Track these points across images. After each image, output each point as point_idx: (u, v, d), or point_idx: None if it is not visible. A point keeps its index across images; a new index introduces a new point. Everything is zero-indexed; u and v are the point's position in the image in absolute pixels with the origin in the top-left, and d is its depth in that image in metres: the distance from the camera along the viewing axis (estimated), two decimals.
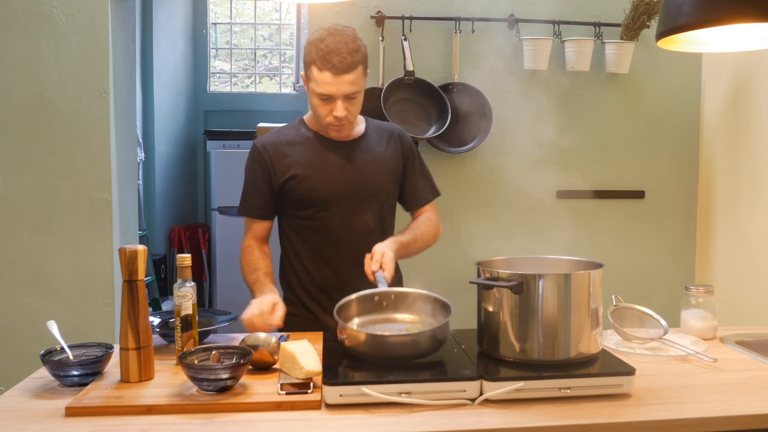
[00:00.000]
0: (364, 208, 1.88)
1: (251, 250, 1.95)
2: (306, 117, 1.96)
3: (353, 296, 1.60)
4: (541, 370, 1.37)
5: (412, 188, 2.00)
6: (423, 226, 1.97)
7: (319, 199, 1.86)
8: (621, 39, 2.99)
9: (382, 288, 1.64)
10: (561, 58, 3.02)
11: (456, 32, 2.95)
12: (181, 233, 5.25)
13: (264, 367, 1.50)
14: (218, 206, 4.76)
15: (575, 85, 3.09)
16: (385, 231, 1.94)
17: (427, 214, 2.02)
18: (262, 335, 1.54)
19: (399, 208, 2.07)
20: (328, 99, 1.76)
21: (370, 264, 1.73)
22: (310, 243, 1.92)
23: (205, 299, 5.16)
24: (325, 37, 1.74)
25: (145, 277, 1.46)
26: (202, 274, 5.23)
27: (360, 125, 1.95)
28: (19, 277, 2.82)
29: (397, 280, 1.93)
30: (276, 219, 2.00)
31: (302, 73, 1.84)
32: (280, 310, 1.72)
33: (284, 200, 1.91)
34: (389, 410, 1.28)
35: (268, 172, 1.89)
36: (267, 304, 1.71)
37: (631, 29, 2.94)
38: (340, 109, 1.76)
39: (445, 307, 1.52)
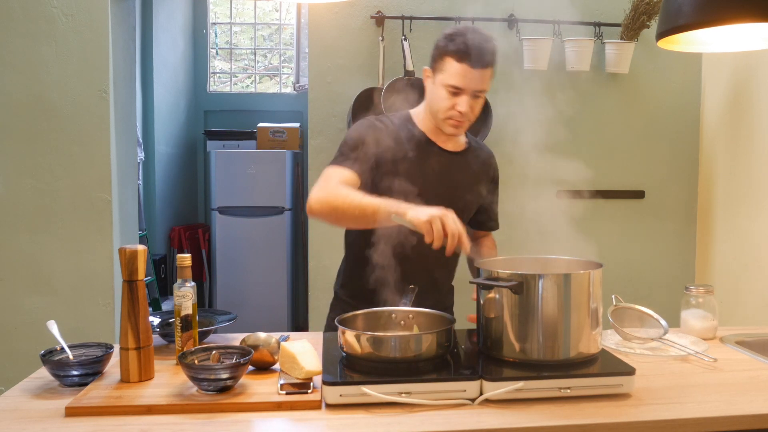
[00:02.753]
0: None
1: (342, 184, 1.68)
2: (414, 112, 1.89)
3: (361, 312, 1.58)
4: (541, 370, 1.37)
5: (488, 212, 2.01)
6: (494, 251, 2.02)
7: (410, 200, 1.71)
8: (621, 39, 2.99)
9: (403, 307, 1.63)
10: (561, 58, 3.01)
11: None
12: (181, 233, 5.25)
13: (264, 367, 1.50)
14: (218, 206, 4.76)
15: (575, 85, 3.09)
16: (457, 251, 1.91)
17: (492, 241, 2.06)
18: (262, 335, 1.54)
19: None
20: (457, 92, 1.73)
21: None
22: (384, 245, 1.76)
23: (205, 299, 5.16)
24: (464, 31, 1.73)
25: (145, 277, 1.46)
26: (202, 274, 5.23)
27: (463, 137, 1.94)
28: (19, 277, 2.82)
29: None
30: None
31: (425, 67, 1.80)
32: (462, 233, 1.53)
33: (375, 183, 1.77)
34: (389, 410, 1.28)
35: (378, 144, 1.76)
36: (449, 214, 1.51)
37: (631, 29, 2.94)
38: (464, 104, 1.73)
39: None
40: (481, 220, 2.01)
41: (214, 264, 4.80)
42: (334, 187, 1.66)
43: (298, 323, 4.85)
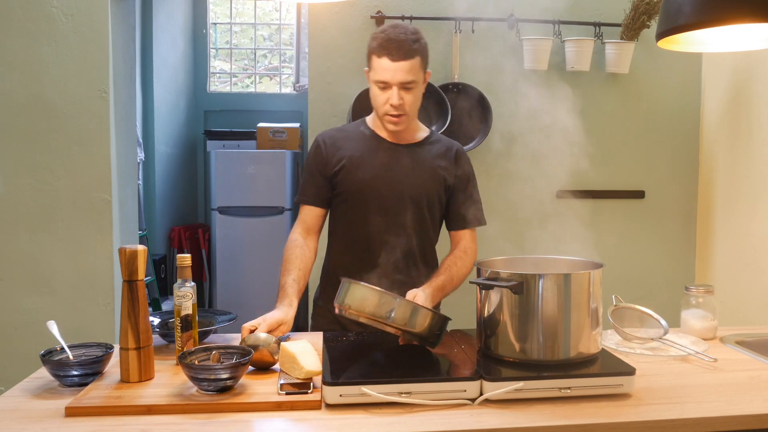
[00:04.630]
0: (404, 210, 1.89)
1: (293, 247, 1.91)
2: (368, 117, 2.00)
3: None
4: (541, 370, 1.37)
5: (457, 208, 1.98)
6: (459, 262, 1.92)
7: (362, 193, 1.89)
8: (621, 39, 2.99)
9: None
10: (561, 58, 3.02)
11: (456, 32, 2.95)
12: (181, 233, 5.25)
13: (264, 367, 1.50)
14: (218, 206, 4.76)
15: (575, 85, 3.09)
16: (422, 239, 1.93)
17: (464, 247, 1.97)
18: (262, 335, 1.54)
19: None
20: (385, 87, 1.80)
21: None
22: (350, 236, 1.94)
23: (205, 299, 5.16)
24: (386, 29, 1.82)
25: (145, 277, 1.46)
26: (202, 274, 5.22)
27: (421, 133, 1.98)
28: (19, 277, 2.82)
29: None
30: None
31: (366, 68, 1.88)
32: (280, 331, 1.68)
33: (335, 192, 1.94)
34: (389, 410, 1.28)
35: (324, 161, 1.93)
36: (270, 321, 1.67)
37: (631, 29, 2.94)
38: (395, 97, 1.79)
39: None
40: (452, 216, 2.00)
41: (214, 264, 4.80)
42: (285, 248, 1.92)
43: (298, 323, 4.84)
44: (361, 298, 1.45)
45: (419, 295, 1.69)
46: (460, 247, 1.97)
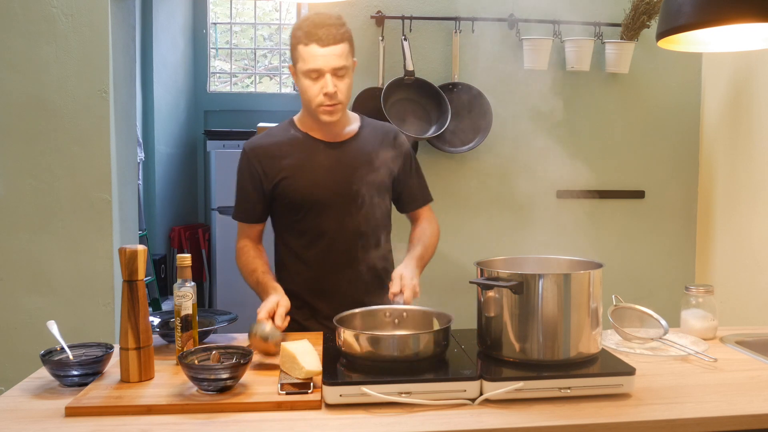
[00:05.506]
0: (356, 210, 1.86)
1: (246, 250, 1.94)
2: (296, 117, 1.95)
3: (359, 310, 1.61)
4: (541, 370, 1.37)
5: (408, 190, 1.98)
6: (428, 232, 1.96)
7: (309, 202, 1.85)
8: (621, 39, 2.98)
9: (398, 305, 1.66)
10: (561, 58, 3.01)
11: (456, 32, 2.95)
12: (181, 233, 5.25)
13: (269, 353, 1.53)
14: (218, 206, 4.76)
15: (575, 85, 3.08)
16: (378, 233, 1.92)
17: (427, 218, 2.01)
18: (267, 325, 1.56)
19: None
20: (317, 76, 1.75)
21: (391, 288, 1.72)
22: (303, 246, 1.91)
23: (205, 299, 5.16)
24: (309, 17, 1.79)
25: (145, 277, 1.46)
26: (202, 274, 5.23)
27: (354, 124, 1.94)
28: (19, 277, 2.82)
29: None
30: (270, 221, 1.99)
31: (289, 65, 1.85)
32: (283, 309, 1.68)
33: (276, 203, 1.91)
34: (389, 410, 1.28)
35: (258, 175, 1.88)
36: (268, 306, 1.67)
37: (631, 29, 2.93)
38: (329, 84, 1.75)
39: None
40: (404, 199, 1.99)
41: (214, 264, 4.79)
42: (237, 257, 1.97)
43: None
44: (365, 347, 1.41)
45: (405, 273, 1.72)
46: (421, 219, 2.00)
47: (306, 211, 1.87)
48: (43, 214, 2.81)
